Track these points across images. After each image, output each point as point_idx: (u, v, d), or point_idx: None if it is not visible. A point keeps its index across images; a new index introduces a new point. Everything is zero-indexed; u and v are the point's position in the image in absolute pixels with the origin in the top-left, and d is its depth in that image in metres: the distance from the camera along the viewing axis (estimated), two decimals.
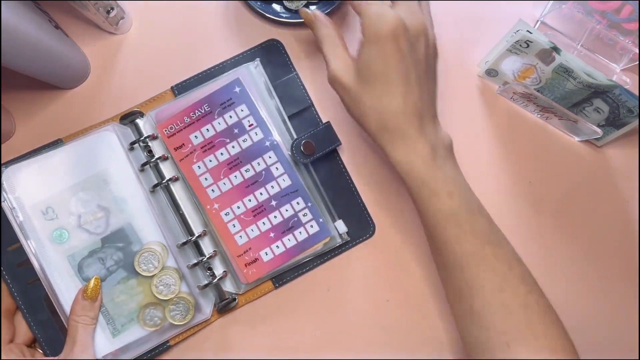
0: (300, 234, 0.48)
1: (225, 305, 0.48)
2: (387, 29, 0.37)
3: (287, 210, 0.48)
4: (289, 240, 0.48)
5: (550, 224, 0.51)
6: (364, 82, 0.39)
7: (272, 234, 0.47)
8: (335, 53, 0.41)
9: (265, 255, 0.47)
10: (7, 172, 0.45)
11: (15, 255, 0.46)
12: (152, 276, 0.46)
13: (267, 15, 0.49)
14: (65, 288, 0.45)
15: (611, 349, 0.50)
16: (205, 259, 0.47)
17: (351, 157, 0.50)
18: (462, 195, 0.40)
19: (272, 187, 0.47)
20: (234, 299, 0.48)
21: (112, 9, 0.47)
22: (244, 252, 0.47)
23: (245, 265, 0.47)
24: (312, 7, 0.50)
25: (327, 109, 0.50)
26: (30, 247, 0.45)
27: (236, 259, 0.47)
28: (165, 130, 0.47)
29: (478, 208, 0.41)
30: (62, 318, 0.45)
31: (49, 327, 0.46)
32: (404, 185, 0.41)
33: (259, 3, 0.50)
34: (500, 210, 0.51)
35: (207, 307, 0.48)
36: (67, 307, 0.45)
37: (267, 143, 0.47)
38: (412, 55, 0.39)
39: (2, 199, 0.45)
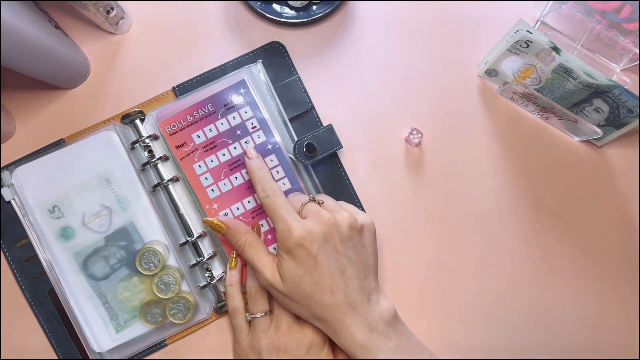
0: None
1: (222, 307, 0.48)
2: (293, 242, 0.40)
3: None
4: None
5: (550, 224, 0.51)
6: (293, 286, 0.41)
7: (269, 236, 0.47)
8: (261, 260, 0.43)
9: None
10: (17, 172, 0.46)
11: (24, 250, 0.48)
12: (153, 275, 0.46)
13: (267, 15, 0.50)
14: (70, 284, 0.46)
15: (611, 349, 0.50)
16: (204, 259, 0.47)
17: (351, 160, 0.50)
18: None
19: None
20: None
21: (112, 9, 0.47)
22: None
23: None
24: (314, 7, 0.50)
25: (328, 112, 0.50)
26: (38, 243, 0.47)
27: None
28: (168, 128, 0.47)
29: None
30: (66, 311, 0.46)
31: (54, 319, 0.47)
32: None
33: (259, 3, 0.50)
34: (500, 210, 0.51)
35: (207, 307, 0.48)
36: (72, 301, 0.46)
37: (269, 146, 0.47)
38: (330, 252, 0.41)
39: (12, 198, 0.47)
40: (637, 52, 0.49)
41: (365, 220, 0.44)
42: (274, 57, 0.50)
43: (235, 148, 0.47)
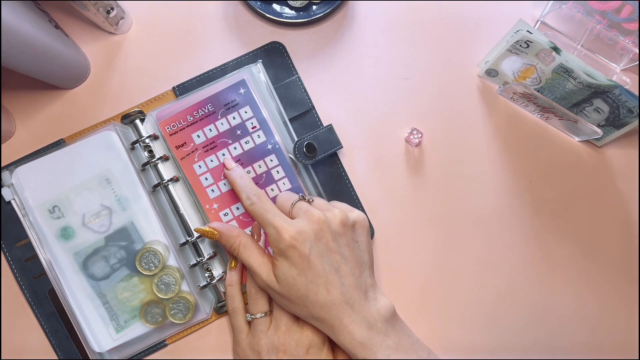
0: None
1: (222, 307, 0.48)
2: (284, 243, 0.40)
3: None
4: None
5: (550, 224, 0.51)
6: (288, 286, 0.41)
7: None
8: (256, 261, 0.43)
9: None
10: (17, 172, 0.46)
11: (24, 250, 0.48)
12: (153, 275, 0.46)
13: (267, 15, 0.50)
14: (70, 284, 0.46)
15: (611, 349, 0.50)
16: (204, 259, 0.47)
17: (351, 160, 0.50)
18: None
19: (272, 190, 0.47)
20: None
21: (112, 9, 0.47)
22: None
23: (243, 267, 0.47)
24: (314, 7, 0.50)
25: (328, 112, 0.50)
26: (38, 243, 0.47)
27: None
28: (167, 128, 0.47)
29: None
30: (66, 311, 0.46)
31: (54, 319, 0.47)
32: None
33: (259, 3, 0.50)
34: (500, 209, 0.51)
35: (207, 307, 0.48)
36: (72, 301, 0.46)
37: (269, 146, 0.47)
38: (322, 250, 0.41)
39: (12, 198, 0.47)
40: (637, 52, 0.49)
41: (358, 217, 0.44)
42: (274, 57, 0.50)
43: (235, 148, 0.47)
